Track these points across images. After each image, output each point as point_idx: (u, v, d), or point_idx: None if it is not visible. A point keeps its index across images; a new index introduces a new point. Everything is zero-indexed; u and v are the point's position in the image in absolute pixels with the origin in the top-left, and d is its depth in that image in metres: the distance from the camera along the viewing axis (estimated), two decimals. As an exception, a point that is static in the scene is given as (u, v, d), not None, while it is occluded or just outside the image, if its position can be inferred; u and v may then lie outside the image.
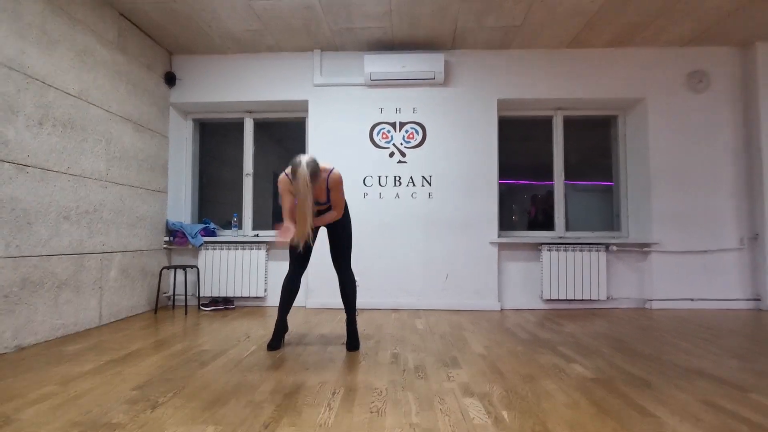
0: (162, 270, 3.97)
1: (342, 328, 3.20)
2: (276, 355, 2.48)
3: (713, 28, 3.78)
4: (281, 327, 2.67)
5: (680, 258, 4.05)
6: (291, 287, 2.67)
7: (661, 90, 4.13)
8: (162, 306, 4.10)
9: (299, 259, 2.67)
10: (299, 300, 4.19)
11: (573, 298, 4.03)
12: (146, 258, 3.87)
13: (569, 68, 4.17)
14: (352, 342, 2.65)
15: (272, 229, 4.54)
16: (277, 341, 2.64)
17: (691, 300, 4.02)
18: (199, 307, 4.04)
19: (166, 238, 4.15)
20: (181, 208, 4.46)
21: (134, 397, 1.83)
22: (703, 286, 4.04)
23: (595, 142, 4.60)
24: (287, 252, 4.27)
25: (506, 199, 4.52)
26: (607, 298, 4.07)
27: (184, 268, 3.93)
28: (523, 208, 4.61)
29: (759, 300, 3.97)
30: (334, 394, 1.88)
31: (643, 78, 4.14)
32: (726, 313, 3.78)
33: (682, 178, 4.09)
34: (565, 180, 4.41)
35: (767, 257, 3.89)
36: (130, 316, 3.63)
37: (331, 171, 2.49)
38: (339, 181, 2.50)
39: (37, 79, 2.75)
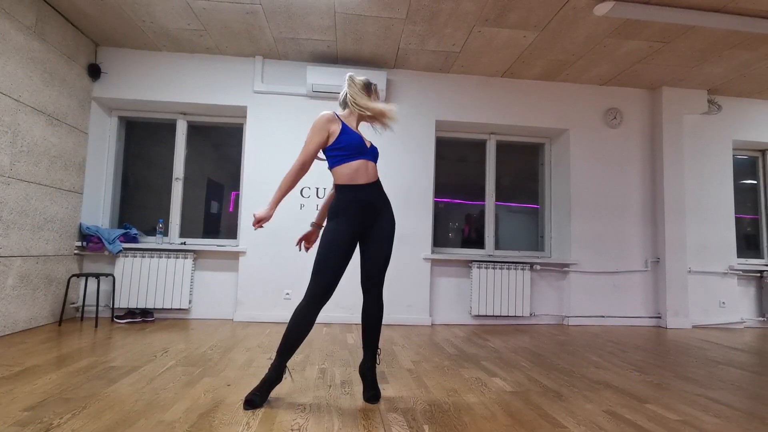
0: (71, 278, 3.62)
1: (271, 342, 3.09)
2: (194, 372, 2.34)
3: (627, 72, 4.21)
4: (276, 377, 1.90)
5: (594, 278, 4.39)
6: (307, 322, 1.90)
7: (582, 123, 4.51)
8: (69, 318, 3.73)
9: (331, 284, 1.91)
10: (226, 312, 4.01)
11: (500, 314, 4.21)
12: (52, 264, 3.51)
13: (503, 96, 4.43)
14: (373, 390, 1.99)
15: (202, 237, 4.31)
16: (262, 396, 1.86)
17: (602, 317, 4.36)
18: (112, 320, 3.72)
19: (79, 243, 3.80)
20: (98, 210, 4.11)
21: (25, 419, 1.63)
22: (613, 304, 4.40)
23: (524, 167, 4.90)
24: (223, 262, 4.10)
25: (441, 216, 4.66)
26: (530, 314, 4.29)
27: (97, 276, 3.61)
28: (456, 226, 4.77)
29: (659, 318, 4.40)
30: (254, 412, 1.80)
31: (566, 111, 4.49)
32: (632, 330, 4.14)
33: (597, 203, 4.46)
34: (496, 201, 4.64)
35: (667, 279, 4.33)
36: (30, 329, 3.26)
37: None
38: None
39: (-71, 59, 2.44)
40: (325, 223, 2.07)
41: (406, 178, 4.24)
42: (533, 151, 4.88)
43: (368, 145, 2.06)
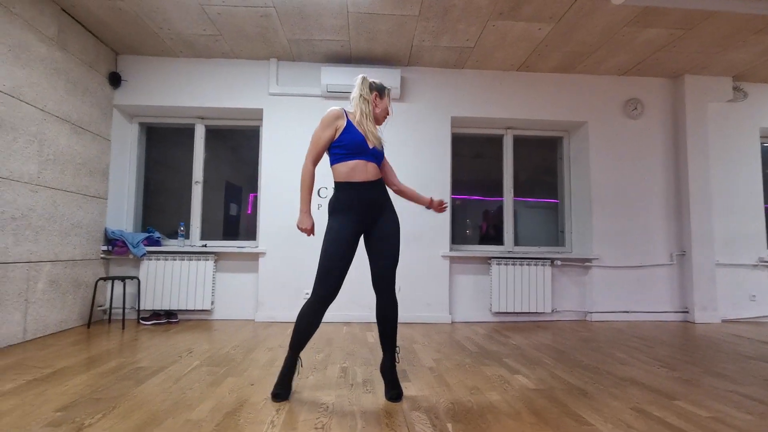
0: (98, 281, 3.72)
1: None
2: (218, 372, 2.38)
3: (647, 61, 4.10)
4: (291, 369, 2.00)
5: (617, 272, 4.30)
6: (313, 320, 1.95)
7: (601, 115, 4.41)
8: (97, 320, 3.83)
9: (335, 282, 1.93)
10: (247, 312, 4.06)
11: (520, 311, 4.17)
12: (80, 268, 3.61)
13: (519, 90, 4.37)
14: (395, 389, 2.00)
15: (222, 240, 4.38)
16: (285, 388, 1.97)
17: (627, 312, 4.27)
18: (138, 321, 3.81)
19: (104, 248, 3.90)
20: (122, 215, 4.21)
21: (57, 420, 1.69)
22: (638, 299, 4.30)
23: (542, 161, 4.83)
24: (243, 264, 4.16)
25: (458, 213, 4.63)
26: (552, 310, 4.23)
27: (123, 279, 3.71)
28: (475, 222, 4.74)
29: (687, 312, 4.28)
30: (278, 410, 1.82)
31: (585, 103, 4.41)
32: (658, 325, 4.04)
33: (619, 197, 4.37)
34: (514, 196, 4.59)
35: (693, 273, 4.21)
36: (60, 332, 3.36)
37: None
38: None
39: (-40, 73, 2.53)
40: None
41: (423, 175, 4.22)
42: (551, 145, 4.81)
43: (371, 146, 2.03)
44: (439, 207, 2.26)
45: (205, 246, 4.19)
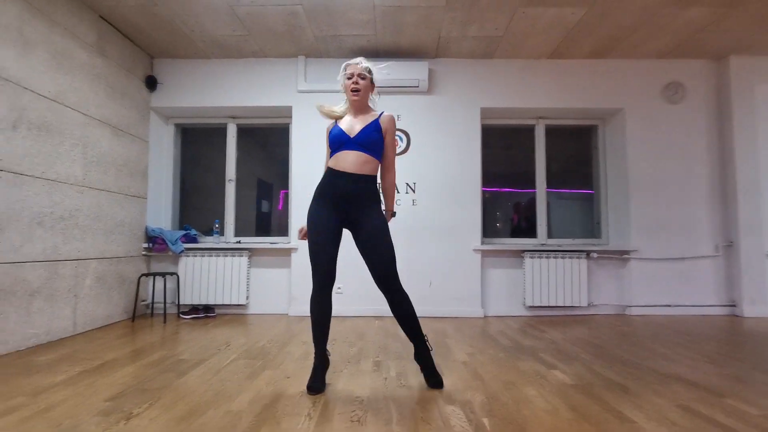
0: (140, 277, 3.88)
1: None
2: (255, 365, 2.44)
3: (688, 42, 3.90)
4: (321, 362, 2.05)
5: (658, 265, 4.14)
6: (319, 309, 2.01)
7: (639, 101, 4.23)
8: (140, 314, 4.00)
9: (323, 266, 2.00)
10: (281, 307, 4.15)
11: (555, 305, 4.07)
12: (124, 265, 3.78)
13: (551, 78, 4.25)
14: (434, 376, 2.05)
15: (255, 236, 4.49)
16: (318, 381, 2.00)
17: (669, 306, 4.10)
18: (178, 315, 3.96)
19: (145, 245, 4.07)
20: (161, 214, 4.38)
21: (107, 409, 1.78)
22: (680, 293, 4.12)
23: (576, 151, 4.69)
24: (276, 259, 4.25)
25: (489, 206, 4.56)
26: (588, 304, 4.12)
27: (163, 275, 3.85)
28: (506, 215, 4.66)
29: (734, 306, 4.08)
30: (314, 403, 1.85)
31: (621, 89, 4.24)
32: (702, 319, 3.87)
33: (659, 186, 4.19)
34: (547, 188, 4.48)
35: (741, 264, 4.00)
36: (106, 325, 3.54)
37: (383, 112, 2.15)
38: (394, 123, 2.12)
39: (11, 81, 2.68)
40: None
41: (452, 168, 4.18)
42: (585, 134, 4.65)
43: (353, 135, 2.03)
44: None
45: (239, 242, 4.30)
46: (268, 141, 4.80)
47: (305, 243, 4.07)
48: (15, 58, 2.71)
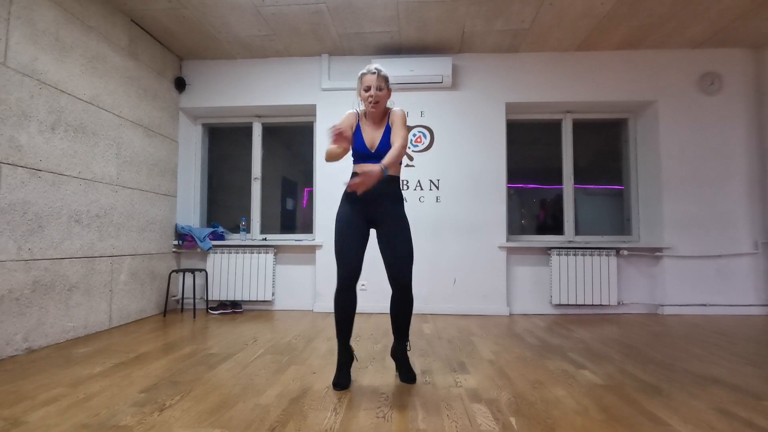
0: (171, 273, 4.00)
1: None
2: (282, 360, 2.48)
3: (725, 30, 3.73)
4: (345, 357, 2.08)
5: (693, 263, 3.99)
6: (344, 305, 2.02)
7: (673, 92, 4.08)
8: (171, 309, 4.12)
9: (348, 263, 2.02)
10: (306, 303, 4.20)
11: (583, 303, 3.98)
12: (155, 261, 3.90)
13: (579, 71, 4.14)
14: (409, 372, 2.11)
15: (280, 233, 4.56)
16: (344, 378, 2.04)
17: (704, 305, 3.95)
18: (207, 311, 4.06)
19: (175, 242, 4.18)
20: (190, 211, 4.49)
21: (142, 400, 1.84)
22: (717, 292, 3.96)
23: (605, 146, 4.56)
24: (301, 256, 4.31)
25: (515, 203, 4.49)
26: (618, 303, 4.01)
27: (192, 271, 3.96)
28: (531, 212, 4.57)
29: (775, 306, 3.89)
30: (340, 399, 1.87)
31: (654, 80, 4.09)
32: (740, 319, 3.71)
33: (694, 181, 4.03)
34: (575, 184, 4.37)
35: (783, 262, 3.81)
36: (140, 319, 3.66)
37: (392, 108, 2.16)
38: (400, 116, 2.09)
39: (49, 85, 2.79)
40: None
41: (477, 164, 4.13)
42: (615, 127, 4.52)
43: (373, 150, 2.07)
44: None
45: (265, 239, 4.37)
46: (292, 139, 4.85)
47: (330, 239, 4.15)
48: (53, 63, 2.82)
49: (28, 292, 2.62)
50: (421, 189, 4.14)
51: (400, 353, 2.15)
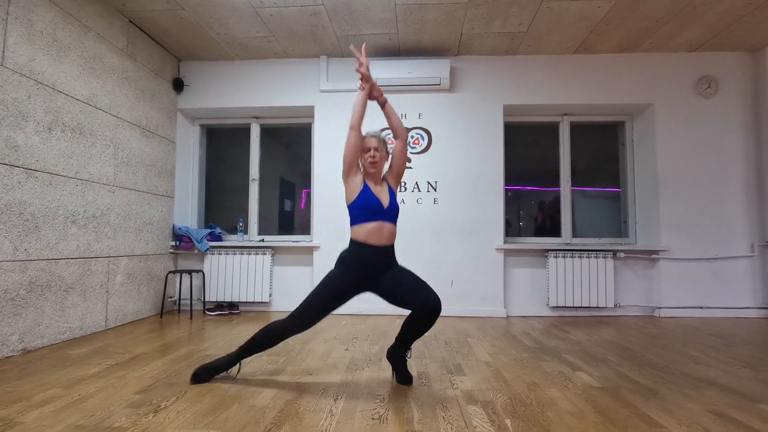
0: (168, 274, 3.99)
1: (346, 333, 3.19)
2: (278, 361, 2.47)
3: (722, 34, 3.75)
4: (227, 365, 2.09)
5: (689, 265, 4.00)
6: (276, 341, 2.08)
7: (669, 95, 4.09)
8: (167, 310, 4.11)
9: (313, 321, 2.04)
10: (304, 305, 4.19)
11: (580, 305, 3.99)
12: (152, 262, 3.89)
13: (576, 74, 4.15)
14: (405, 374, 2.13)
15: (277, 234, 4.56)
16: (207, 375, 2.08)
17: (701, 308, 3.96)
18: (204, 312, 4.05)
19: (173, 243, 4.18)
20: (187, 212, 4.49)
21: (137, 401, 1.83)
22: (713, 294, 3.97)
23: (602, 148, 4.57)
24: (299, 257, 4.30)
25: (512, 205, 4.50)
26: (615, 305, 4.01)
27: (189, 272, 3.95)
28: (529, 214, 4.58)
29: (771, 308, 3.90)
30: (336, 400, 1.87)
31: (650, 83, 4.11)
32: (737, 322, 3.72)
33: (690, 184, 4.04)
34: (572, 186, 4.38)
35: (779, 265, 3.83)
36: (136, 320, 3.65)
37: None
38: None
39: (47, 85, 2.79)
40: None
41: (475, 166, 4.13)
42: (612, 130, 4.53)
43: (385, 206, 2.07)
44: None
45: (263, 241, 4.37)
46: (290, 141, 4.85)
47: (328, 241, 4.15)
48: (50, 63, 2.82)
49: (24, 292, 2.61)
50: (419, 191, 4.14)
51: (399, 358, 2.14)
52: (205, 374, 2.08)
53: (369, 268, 2.03)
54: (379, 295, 2.08)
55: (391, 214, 2.09)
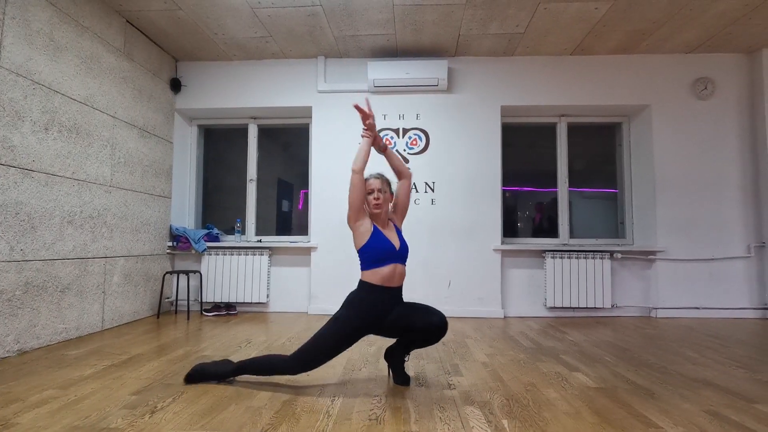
0: (165, 275, 3.98)
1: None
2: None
3: (719, 35, 3.77)
4: (222, 376, 2.08)
5: (686, 266, 4.01)
6: (275, 374, 2.05)
7: (666, 97, 4.11)
8: (165, 311, 4.10)
9: (320, 362, 1.99)
10: (301, 305, 4.19)
11: (577, 306, 3.99)
12: (149, 263, 3.88)
13: (573, 75, 4.16)
14: (403, 375, 2.13)
15: (275, 235, 4.56)
16: (200, 377, 2.07)
17: (697, 308, 3.97)
18: (201, 313, 4.04)
19: (170, 243, 4.17)
20: (184, 213, 4.48)
21: (133, 402, 1.83)
22: (710, 295, 3.98)
23: (599, 149, 4.58)
24: (296, 258, 4.30)
25: (510, 206, 4.50)
26: (612, 306, 4.02)
27: (186, 273, 3.94)
28: (526, 214, 4.59)
29: (766, 309, 3.92)
30: (333, 401, 1.87)
31: (647, 85, 4.12)
32: (733, 322, 3.73)
33: (687, 185, 4.06)
34: (569, 187, 4.39)
35: (775, 266, 3.84)
36: (133, 321, 3.64)
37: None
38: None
39: (43, 85, 2.78)
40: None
41: (472, 167, 4.14)
42: (609, 131, 4.54)
43: (398, 248, 2.06)
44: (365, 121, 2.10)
45: (260, 241, 4.36)
46: (288, 141, 4.85)
47: (325, 241, 4.14)
48: (46, 63, 2.81)
49: (20, 293, 2.60)
50: (417, 191, 4.15)
51: (397, 359, 2.14)
52: (198, 377, 2.07)
53: (381, 311, 2.01)
54: (383, 334, 2.06)
55: (402, 256, 2.08)
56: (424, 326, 1.97)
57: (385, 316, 2.02)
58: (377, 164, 2.34)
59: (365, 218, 2.06)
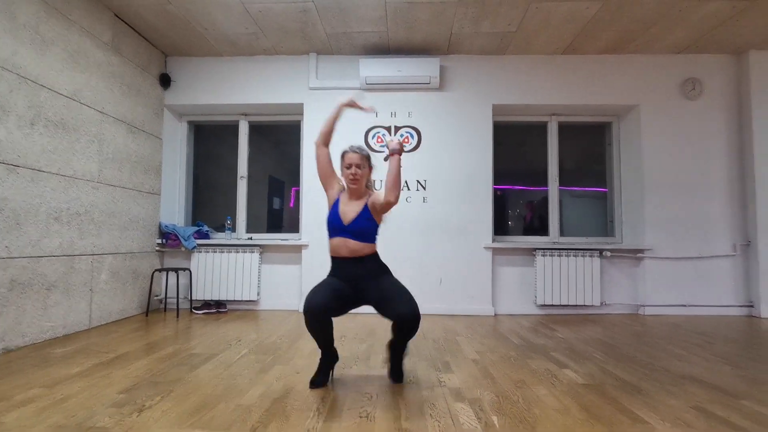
0: (154, 272, 3.94)
1: (335, 332, 3.17)
2: (265, 360, 2.46)
3: (707, 37, 3.81)
4: (329, 360, 2.08)
5: (673, 264, 4.06)
6: (315, 329, 1.95)
7: (655, 97, 4.15)
8: (153, 309, 4.06)
9: (320, 296, 1.92)
10: (292, 303, 4.17)
11: (567, 304, 4.03)
12: (138, 260, 3.84)
13: (564, 74, 4.19)
14: (399, 371, 2.12)
15: (266, 232, 4.53)
16: (321, 375, 2.04)
17: (684, 306, 4.03)
18: (191, 310, 4.01)
19: (159, 241, 4.12)
20: (174, 210, 4.43)
21: (121, 401, 1.80)
22: (696, 292, 4.04)
23: (589, 148, 4.62)
24: (287, 256, 4.28)
25: (500, 204, 4.52)
26: (601, 303, 4.07)
27: (176, 270, 3.90)
28: (517, 213, 4.62)
29: (751, 306, 3.99)
30: (323, 398, 1.86)
31: (636, 85, 4.16)
32: (719, 320, 3.79)
33: (675, 184, 4.11)
34: (560, 186, 4.42)
35: (760, 264, 3.91)
36: (121, 319, 3.59)
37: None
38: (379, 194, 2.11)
39: (29, 80, 2.73)
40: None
41: (464, 166, 4.15)
42: (599, 131, 4.58)
43: (347, 222, 2.05)
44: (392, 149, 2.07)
45: (251, 239, 4.33)
46: (279, 138, 4.82)
47: (316, 239, 4.13)
48: (32, 57, 2.76)
49: (5, 290, 2.56)
50: (408, 189, 4.15)
51: (396, 352, 2.11)
52: (319, 377, 2.03)
53: (343, 277, 2.07)
54: (376, 309, 2.05)
55: (353, 232, 2.05)
56: (394, 316, 1.93)
57: (358, 284, 2.04)
58: (377, 166, 2.33)
59: (333, 188, 2.17)
